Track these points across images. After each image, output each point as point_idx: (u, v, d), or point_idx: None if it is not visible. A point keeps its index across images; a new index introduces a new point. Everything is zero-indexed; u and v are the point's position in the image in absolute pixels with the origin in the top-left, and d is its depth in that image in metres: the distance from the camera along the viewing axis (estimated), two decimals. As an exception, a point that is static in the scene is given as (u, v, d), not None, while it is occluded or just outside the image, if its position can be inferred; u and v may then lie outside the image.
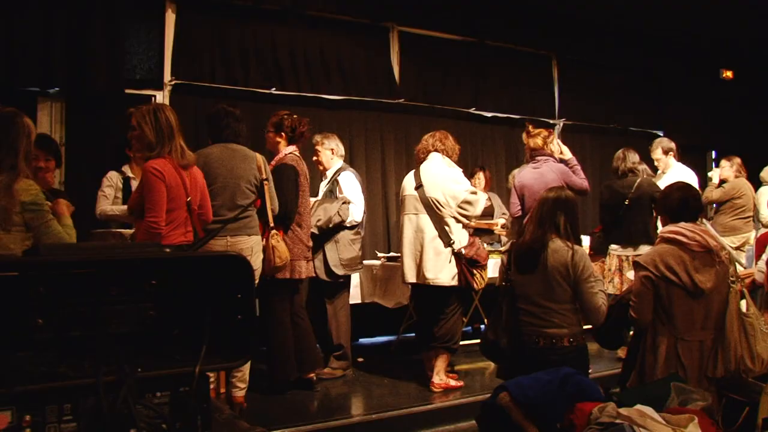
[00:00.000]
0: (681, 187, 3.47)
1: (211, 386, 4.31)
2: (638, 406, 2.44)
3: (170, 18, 6.00)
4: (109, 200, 4.59)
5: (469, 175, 7.21)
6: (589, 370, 5.02)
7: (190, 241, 3.87)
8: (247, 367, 4.44)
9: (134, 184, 4.63)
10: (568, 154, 5.43)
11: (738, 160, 7.24)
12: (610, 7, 8.21)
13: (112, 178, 4.69)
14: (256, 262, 4.41)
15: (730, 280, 3.23)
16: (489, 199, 7.21)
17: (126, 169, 4.78)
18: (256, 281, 4.42)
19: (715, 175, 7.22)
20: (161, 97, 5.95)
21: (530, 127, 5.43)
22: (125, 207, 4.18)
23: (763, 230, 6.58)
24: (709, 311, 3.20)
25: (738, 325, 3.20)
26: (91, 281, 1.33)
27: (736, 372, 3.17)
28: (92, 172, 5.14)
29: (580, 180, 5.17)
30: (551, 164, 5.22)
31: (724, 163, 7.27)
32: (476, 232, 5.68)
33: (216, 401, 3.73)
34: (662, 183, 5.70)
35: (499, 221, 6.61)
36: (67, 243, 3.14)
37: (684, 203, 3.37)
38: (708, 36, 9.55)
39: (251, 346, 1.44)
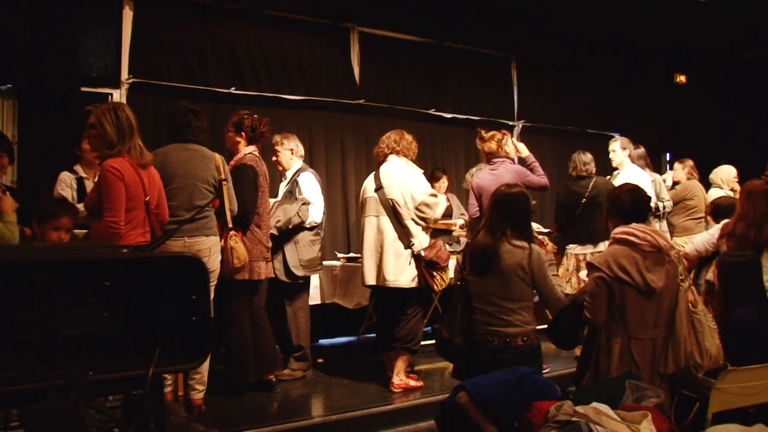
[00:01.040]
0: (631, 189, 3.53)
1: (169, 389, 4.28)
2: (594, 404, 2.48)
3: (127, 15, 5.90)
4: (66, 203, 4.49)
5: (431, 178, 7.26)
6: (546, 369, 5.13)
7: (148, 241, 3.83)
8: (205, 369, 4.39)
9: (88, 183, 4.55)
10: (525, 151, 5.50)
11: (690, 162, 7.40)
12: (568, 11, 8.33)
13: (66, 179, 4.60)
14: (215, 263, 4.37)
15: (679, 278, 3.30)
16: (448, 199, 7.26)
17: (78, 168, 4.69)
18: (215, 282, 4.39)
19: (668, 177, 7.36)
20: (118, 95, 5.85)
21: (482, 132, 5.49)
22: (81, 207, 4.11)
23: (712, 229, 6.73)
24: (660, 310, 3.27)
25: (687, 322, 3.27)
26: (42, 283, 1.31)
27: (686, 368, 3.24)
28: (46, 171, 5.03)
29: (539, 177, 5.24)
30: (508, 165, 5.29)
31: (677, 165, 7.43)
32: (435, 233, 5.71)
33: (171, 404, 3.69)
34: (617, 183, 5.81)
35: (458, 222, 6.65)
36: (18, 244, 3.07)
37: (636, 204, 3.43)
38: (662, 41, 9.76)
39: (207, 348, 1.42)
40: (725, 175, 7.21)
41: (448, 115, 8.17)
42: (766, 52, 10.56)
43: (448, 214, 7.08)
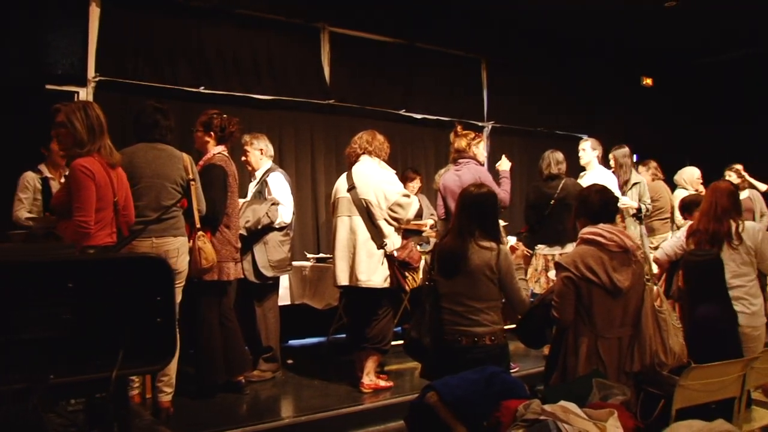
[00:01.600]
0: (599, 190, 3.57)
1: (137, 391, 4.23)
2: (562, 403, 2.51)
3: (94, 12, 5.81)
4: (26, 205, 4.42)
5: (404, 178, 7.27)
6: (515, 368, 5.18)
7: (115, 242, 3.78)
8: (173, 371, 4.35)
9: (53, 184, 4.48)
10: (504, 165, 5.56)
11: (654, 163, 7.52)
12: (538, 13, 8.41)
13: (30, 180, 4.52)
14: (183, 263, 4.34)
15: (645, 278, 3.35)
16: (419, 200, 7.29)
17: (43, 168, 4.62)
18: (183, 283, 4.36)
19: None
20: (84, 93, 5.76)
21: (459, 128, 5.54)
22: (45, 217, 4.04)
23: (679, 232, 6.84)
24: (626, 309, 3.31)
25: (653, 321, 3.32)
26: (3, 284, 1.28)
27: (651, 366, 3.29)
28: (9, 170, 4.93)
29: (502, 192, 5.29)
30: (472, 167, 5.33)
31: (640, 168, 7.53)
32: (406, 233, 5.72)
33: (138, 406, 3.66)
34: (584, 183, 5.87)
35: (428, 222, 6.67)
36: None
37: (604, 205, 3.48)
38: (630, 44, 9.92)
39: (172, 350, 1.41)
40: (689, 176, 7.34)
41: (419, 116, 8.19)
42: (727, 57, 10.80)
43: (418, 214, 7.10)
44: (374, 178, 4.93)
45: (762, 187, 7.77)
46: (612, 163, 6.76)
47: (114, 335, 1.38)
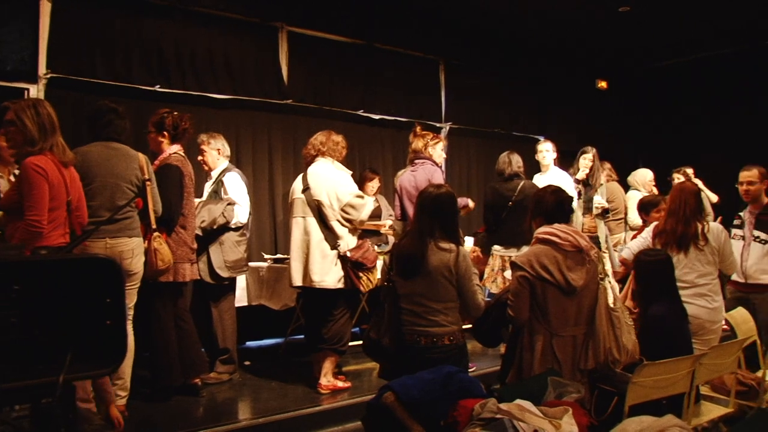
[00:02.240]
0: (554, 191, 3.63)
1: (91, 395, 4.15)
2: (518, 401, 2.53)
3: (45, 6, 5.65)
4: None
5: (363, 179, 7.28)
6: (473, 368, 5.21)
7: (68, 242, 3.70)
8: (128, 375, 4.29)
9: (2, 182, 4.36)
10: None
11: (608, 165, 7.65)
12: (496, 15, 8.49)
13: (-25, 178, 4.39)
14: (138, 265, 4.28)
15: (599, 277, 3.41)
16: (377, 200, 7.29)
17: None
18: (138, 285, 4.30)
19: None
20: (35, 90, 5.61)
21: (418, 129, 5.57)
22: None
23: (632, 233, 6.98)
24: (580, 307, 3.36)
25: (606, 319, 3.38)
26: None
27: (605, 363, 3.35)
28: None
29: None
30: (428, 168, 5.37)
31: None
32: (364, 234, 5.73)
33: (88, 411, 3.59)
34: (541, 184, 5.94)
35: (387, 222, 6.68)
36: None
37: (559, 206, 3.53)
38: (585, 47, 10.08)
39: (122, 353, 1.38)
40: (641, 178, 7.49)
41: (377, 117, 8.20)
42: (679, 61, 11.05)
43: (377, 215, 7.11)
44: (327, 179, 4.94)
45: (713, 197, 7.96)
46: (583, 163, 6.85)
47: (62, 338, 1.35)
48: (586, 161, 6.84)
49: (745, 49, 10.26)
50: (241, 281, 5.91)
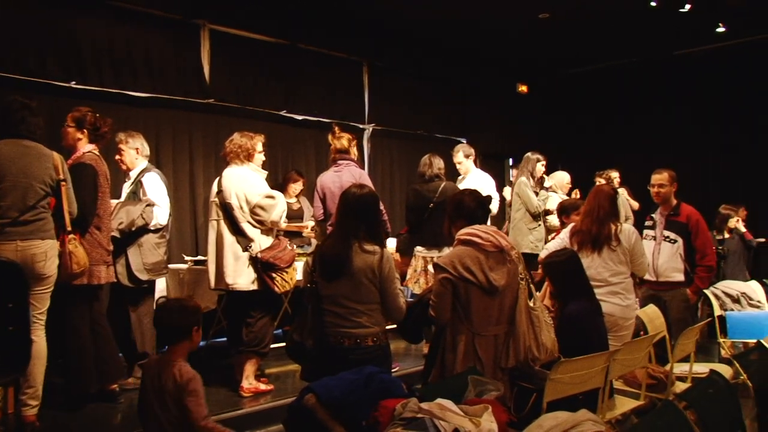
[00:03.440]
0: (471, 192, 3.69)
1: (34, 411, 4.00)
2: (439, 400, 2.56)
3: (-50, -3, 5.42)
4: None
5: (286, 180, 7.24)
6: (396, 368, 5.25)
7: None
8: (39, 383, 4.10)
9: None
10: None
11: None
12: (419, 19, 8.59)
13: None
14: (51, 268, 4.12)
15: (519, 277, 3.49)
16: (299, 202, 7.27)
17: None
18: (51, 288, 4.14)
19: (509, 193, 7.68)
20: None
21: (337, 129, 5.58)
22: None
23: (562, 233, 7.17)
24: (502, 307, 3.43)
25: (526, 318, 3.46)
26: None
27: (525, 361, 3.43)
28: None
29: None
30: (353, 169, 5.39)
31: (515, 172, 7.84)
32: (287, 235, 5.69)
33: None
34: (463, 187, 6.03)
35: (309, 224, 6.66)
36: None
37: (479, 206, 3.59)
38: (506, 52, 10.32)
39: (25, 360, 1.33)
40: (559, 181, 7.70)
41: (300, 117, 8.17)
42: (598, 67, 11.47)
43: (299, 216, 7.09)
44: (237, 181, 4.92)
45: (635, 205, 8.27)
46: (541, 170, 7.03)
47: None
48: (541, 167, 7.05)
49: (659, 58, 10.76)
50: (161, 284, 5.78)
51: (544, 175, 7.19)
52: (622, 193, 8.14)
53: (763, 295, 6.39)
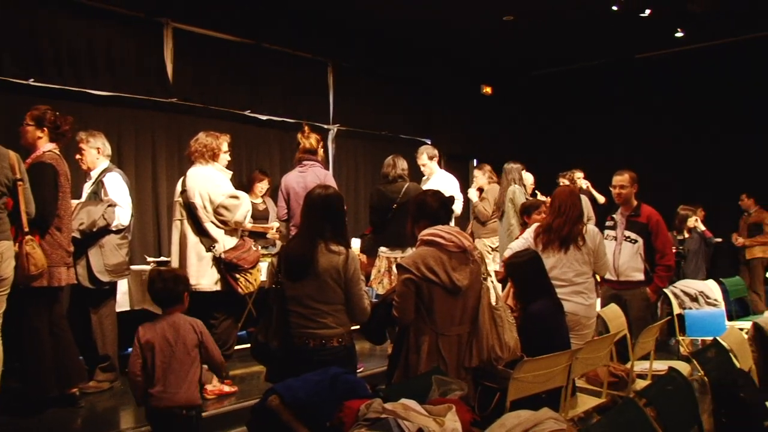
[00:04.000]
0: (434, 193, 3.70)
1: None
2: (403, 400, 2.56)
3: None
4: None
5: (252, 180, 7.20)
6: (361, 369, 5.26)
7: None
8: (-5, 389, 4.04)
9: None
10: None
11: (488, 167, 7.89)
12: (385, 19, 8.62)
13: None
14: (8, 269, 4.06)
15: (482, 277, 3.51)
16: (264, 202, 7.23)
17: None
18: (8, 290, 4.07)
19: (473, 195, 7.73)
20: None
21: (307, 129, 5.57)
22: None
23: (525, 233, 7.24)
24: (465, 307, 3.45)
25: (489, 318, 3.49)
26: None
27: (489, 361, 3.46)
28: None
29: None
30: (317, 169, 5.39)
31: (476, 172, 7.90)
32: (251, 236, 5.66)
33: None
34: (427, 188, 6.05)
35: (274, 224, 6.63)
36: None
37: (442, 207, 3.61)
38: (471, 53, 10.41)
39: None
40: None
41: (264, 117, 8.13)
42: (560, 70, 11.63)
43: (264, 216, 7.05)
44: (201, 180, 4.89)
45: (600, 198, 8.39)
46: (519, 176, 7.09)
47: None
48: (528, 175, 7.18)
49: (621, 61, 10.96)
50: (123, 285, 5.70)
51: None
52: (586, 190, 8.28)
53: (720, 294, 6.55)
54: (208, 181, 4.88)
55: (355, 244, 6.22)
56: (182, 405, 3.42)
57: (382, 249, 5.93)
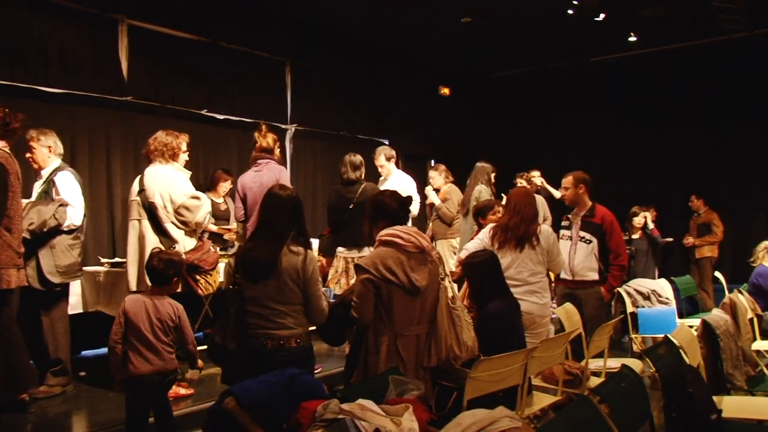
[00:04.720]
0: (392, 194, 3.72)
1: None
2: (360, 401, 2.57)
3: None
4: None
5: (215, 179, 7.12)
6: (319, 369, 5.24)
7: None
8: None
9: None
10: None
11: (443, 167, 7.91)
12: (343, 19, 8.63)
13: None
14: (-45, 271, 3.92)
15: (440, 277, 3.54)
16: (226, 202, 7.17)
17: None
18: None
19: (431, 195, 7.73)
20: None
21: (264, 127, 5.54)
22: None
23: (481, 233, 7.29)
24: (423, 307, 3.47)
25: (447, 318, 3.52)
26: None
27: (447, 360, 3.48)
28: None
29: None
30: (273, 166, 5.35)
31: (432, 173, 7.91)
32: (210, 237, 5.60)
33: None
34: (385, 188, 6.06)
35: (233, 226, 6.57)
36: None
37: (400, 207, 3.63)
38: (429, 54, 10.47)
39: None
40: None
41: (221, 117, 8.07)
42: (518, 72, 11.78)
43: (225, 217, 6.98)
44: (161, 180, 4.83)
45: (557, 194, 8.49)
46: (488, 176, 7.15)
47: None
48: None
49: (577, 63, 11.15)
50: (76, 287, 5.59)
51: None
52: (542, 186, 8.40)
53: (671, 292, 6.71)
54: (168, 181, 4.81)
55: (314, 244, 6.19)
56: (157, 371, 3.72)
57: (340, 249, 5.90)
